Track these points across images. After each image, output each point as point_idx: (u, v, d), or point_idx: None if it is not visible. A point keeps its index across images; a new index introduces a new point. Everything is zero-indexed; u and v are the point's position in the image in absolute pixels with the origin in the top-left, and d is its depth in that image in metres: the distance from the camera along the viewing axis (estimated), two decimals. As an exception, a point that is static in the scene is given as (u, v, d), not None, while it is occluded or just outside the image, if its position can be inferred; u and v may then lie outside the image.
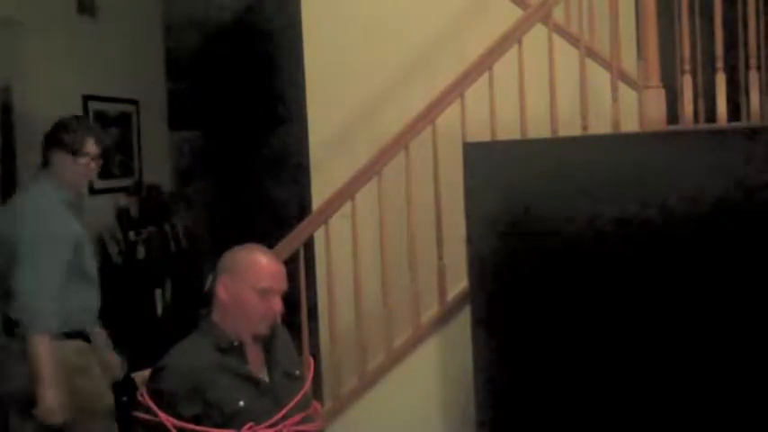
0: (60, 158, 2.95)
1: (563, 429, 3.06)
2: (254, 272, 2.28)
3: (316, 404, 2.41)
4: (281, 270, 2.34)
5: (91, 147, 2.98)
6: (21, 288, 2.77)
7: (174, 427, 2.11)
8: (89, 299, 2.98)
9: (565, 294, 3.03)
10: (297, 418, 2.26)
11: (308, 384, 2.39)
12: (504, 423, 3.15)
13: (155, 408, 2.13)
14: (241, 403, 2.18)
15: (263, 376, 2.31)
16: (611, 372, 2.98)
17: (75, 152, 2.94)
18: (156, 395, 2.16)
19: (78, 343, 2.90)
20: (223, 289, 2.29)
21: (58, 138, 2.96)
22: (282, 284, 2.34)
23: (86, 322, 2.94)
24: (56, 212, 2.89)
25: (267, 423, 2.18)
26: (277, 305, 2.31)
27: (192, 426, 2.12)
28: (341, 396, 3.58)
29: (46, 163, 2.97)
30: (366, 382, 3.57)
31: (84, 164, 2.97)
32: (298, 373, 2.40)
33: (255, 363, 2.32)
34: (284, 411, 2.23)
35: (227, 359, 2.24)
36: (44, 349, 2.74)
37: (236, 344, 2.26)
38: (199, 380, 2.17)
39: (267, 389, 2.28)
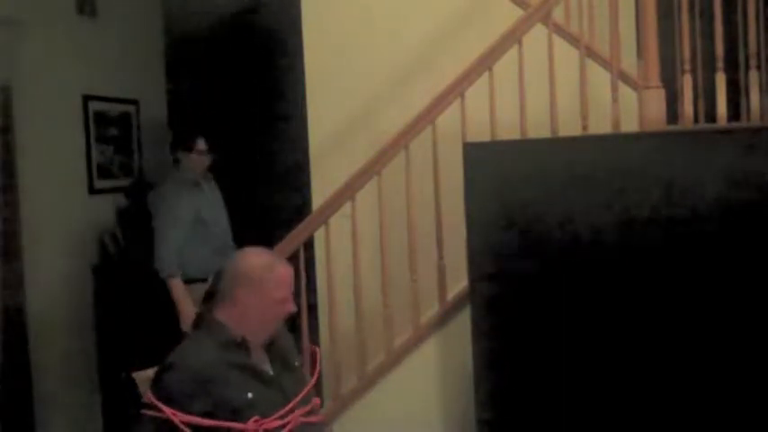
0: (181, 155, 4.27)
1: (563, 429, 3.06)
2: (278, 284, 2.33)
3: (315, 398, 2.43)
4: (291, 273, 2.40)
5: (201, 145, 4.26)
6: (155, 247, 4.08)
7: (182, 422, 2.11)
8: (209, 255, 4.06)
9: (564, 294, 3.03)
10: (303, 410, 2.28)
11: (315, 376, 2.45)
12: (504, 423, 3.15)
13: (161, 405, 2.14)
14: (249, 395, 2.21)
15: (267, 369, 2.33)
16: (611, 371, 2.98)
17: (190, 149, 4.24)
18: (164, 395, 2.17)
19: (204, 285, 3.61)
20: (242, 301, 2.30)
21: (178, 140, 4.34)
22: (293, 286, 2.40)
23: (208, 272, 3.71)
24: (175, 193, 4.14)
25: (276, 415, 2.20)
26: (291, 307, 2.37)
27: (200, 420, 2.13)
28: (341, 396, 3.58)
29: (176, 161, 4.32)
30: (366, 382, 3.57)
31: (195, 157, 4.25)
32: (297, 363, 2.44)
33: (258, 356, 2.34)
34: (293, 404, 2.26)
35: (231, 354, 2.27)
36: (175, 287, 4.06)
37: (238, 340, 2.28)
38: (205, 377, 2.19)
39: (272, 381, 2.31)
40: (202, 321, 2.35)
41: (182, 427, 2.11)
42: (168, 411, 2.12)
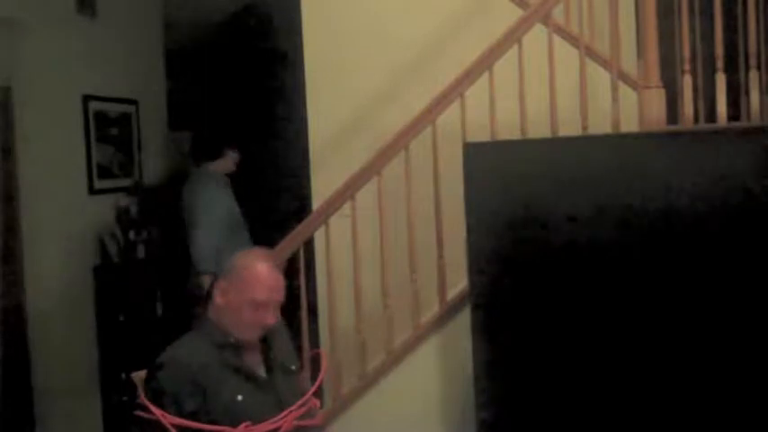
0: (226, 152, 4.45)
1: (563, 429, 3.06)
2: (251, 284, 2.29)
3: (314, 400, 2.42)
4: (278, 282, 2.34)
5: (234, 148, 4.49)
6: (190, 242, 4.22)
7: (172, 424, 2.11)
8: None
9: (565, 294, 3.03)
10: (298, 413, 2.27)
11: (319, 380, 2.45)
12: (504, 423, 3.15)
13: (150, 405, 2.13)
14: (239, 397, 2.20)
15: (261, 372, 2.32)
16: (612, 371, 2.98)
17: (236, 147, 4.48)
18: (155, 393, 2.17)
19: None
20: (220, 293, 2.30)
21: (225, 137, 4.51)
22: (278, 296, 2.34)
23: None
24: (211, 191, 4.30)
25: (270, 421, 2.19)
26: (269, 318, 2.31)
27: (189, 422, 2.12)
28: (341, 396, 3.58)
29: (206, 160, 4.46)
30: (366, 382, 3.57)
31: (236, 156, 4.50)
32: (294, 367, 2.43)
33: (253, 358, 2.33)
34: (290, 410, 2.25)
35: (225, 355, 2.26)
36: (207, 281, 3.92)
37: (232, 340, 2.28)
38: (197, 376, 2.18)
39: (264, 384, 2.29)
40: (198, 320, 2.35)
41: (171, 429, 2.10)
42: (158, 413, 2.12)
